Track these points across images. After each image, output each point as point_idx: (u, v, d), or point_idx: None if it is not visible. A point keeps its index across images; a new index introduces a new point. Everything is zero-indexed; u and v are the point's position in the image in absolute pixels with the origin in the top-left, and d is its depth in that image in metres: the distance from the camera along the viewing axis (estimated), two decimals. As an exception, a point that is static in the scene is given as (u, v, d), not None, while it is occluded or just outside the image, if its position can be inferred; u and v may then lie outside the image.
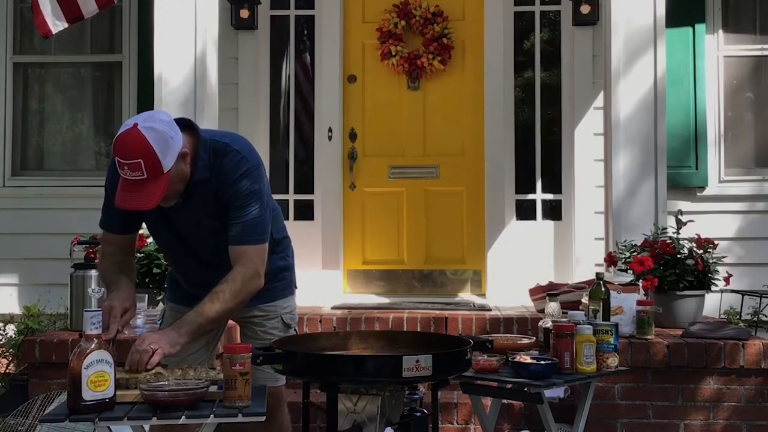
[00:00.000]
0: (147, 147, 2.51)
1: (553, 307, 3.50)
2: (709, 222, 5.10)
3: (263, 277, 2.76)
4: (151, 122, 2.56)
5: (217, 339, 3.02)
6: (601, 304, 3.56)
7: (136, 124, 2.54)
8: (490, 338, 3.13)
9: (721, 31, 6.02)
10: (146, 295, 4.43)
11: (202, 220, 2.78)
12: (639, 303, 4.16)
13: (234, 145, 2.77)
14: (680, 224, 4.58)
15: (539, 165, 6.10)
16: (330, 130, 6.06)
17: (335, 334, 3.26)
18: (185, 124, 2.71)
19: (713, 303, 5.22)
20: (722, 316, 5.40)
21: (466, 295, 5.99)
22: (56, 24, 4.96)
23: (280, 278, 3.00)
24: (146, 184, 2.54)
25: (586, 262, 5.71)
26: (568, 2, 5.88)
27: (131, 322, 3.26)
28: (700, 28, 5.92)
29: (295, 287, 3.13)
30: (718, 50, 6.01)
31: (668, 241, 4.51)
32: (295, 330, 3.07)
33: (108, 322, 2.66)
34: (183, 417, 2.29)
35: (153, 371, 2.50)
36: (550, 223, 6.05)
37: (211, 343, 2.98)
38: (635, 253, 4.50)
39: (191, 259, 2.90)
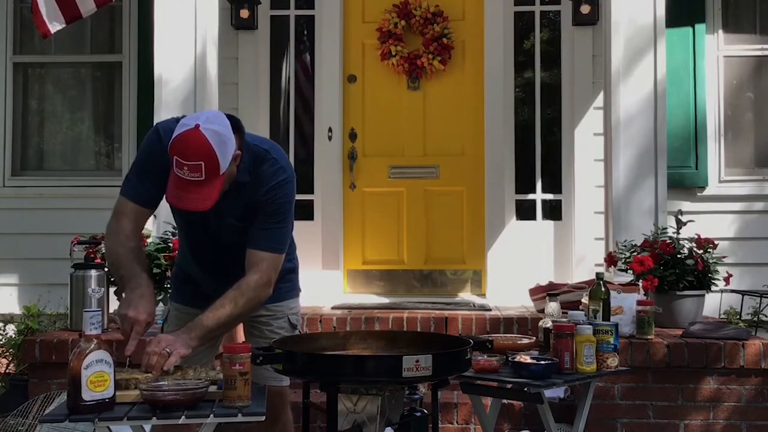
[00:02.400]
0: (209, 150, 2.51)
1: (553, 307, 3.50)
2: (709, 222, 5.10)
3: (273, 286, 2.78)
4: (211, 123, 2.55)
5: (219, 341, 3.02)
6: (601, 304, 3.56)
7: (197, 125, 2.52)
8: (490, 338, 3.13)
9: (721, 31, 6.02)
10: (146, 295, 4.42)
11: (229, 220, 2.79)
12: (639, 303, 4.16)
13: (273, 153, 2.79)
14: (680, 224, 4.58)
15: (539, 165, 6.10)
16: (330, 130, 6.06)
17: (335, 334, 3.26)
18: (233, 125, 2.68)
19: (713, 303, 5.22)
20: (722, 316, 5.41)
21: (466, 295, 5.99)
22: (54, 24, 4.96)
23: (286, 279, 3.01)
24: (203, 185, 2.55)
25: (586, 262, 5.71)
26: (568, 2, 5.88)
27: None
28: (700, 28, 5.92)
29: (299, 290, 3.15)
30: (718, 50, 6.01)
31: (668, 241, 4.51)
32: (299, 331, 3.09)
33: (129, 334, 2.60)
34: (183, 417, 2.29)
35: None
36: (550, 223, 6.05)
37: (214, 346, 2.99)
38: (635, 253, 4.50)
39: (210, 250, 2.91)
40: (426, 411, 2.77)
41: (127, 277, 2.69)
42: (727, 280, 4.55)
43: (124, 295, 2.69)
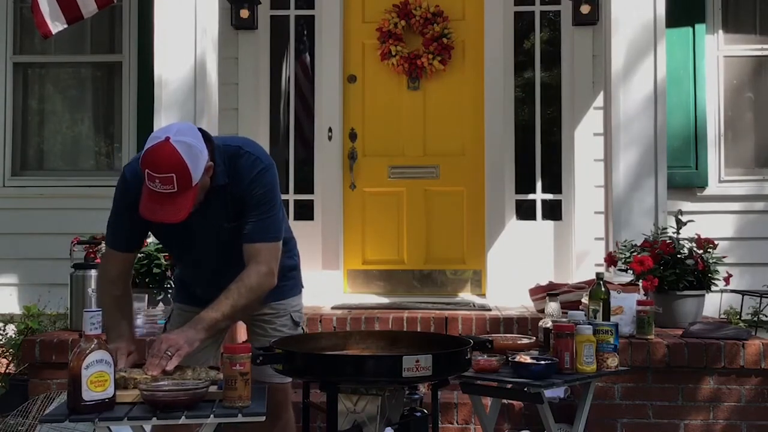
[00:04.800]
0: (180, 161, 2.53)
1: (553, 307, 3.50)
2: (709, 222, 5.10)
3: (276, 275, 2.79)
4: (182, 136, 2.57)
5: (223, 337, 3.03)
6: (601, 304, 3.56)
7: (168, 138, 2.55)
8: (490, 338, 3.13)
9: (721, 31, 6.02)
10: (146, 295, 4.42)
11: (223, 224, 2.80)
12: (639, 303, 4.16)
13: (246, 147, 2.81)
14: (680, 224, 4.58)
15: (539, 165, 6.09)
16: (330, 130, 6.06)
17: (335, 334, 3.26)
18: (202, 136, 2.70)
19: (713, 303, 5.22)
20: (722, 316, 5.41)
21: (466, 295, 5.99)
22: (55, 24, 4.96)
23: (288, 277, 3.02)
24: (176, 197, 2.56)
25: (586, 262, 5.71)
26: (568, 2, 5.88)
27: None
28: (700, 28, 5.92)
29: (302, 287, 3.15)
30: (718, 50, 6.01)
31: (668, 241, 4.51)
32: (302, 328, 3.10)
33: (115, 362, 2.67)
34: (183, 417, 2.29)
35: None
36: (550, 223, 6.05)
37: (218, 341, 2.99)
38: (635, 253, 4.50)
39: (206, 264, 2.92)
40: (426, 411, 2.77)
41: (109, 327, 2.79)
42: (727, 280, 4.55)
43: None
